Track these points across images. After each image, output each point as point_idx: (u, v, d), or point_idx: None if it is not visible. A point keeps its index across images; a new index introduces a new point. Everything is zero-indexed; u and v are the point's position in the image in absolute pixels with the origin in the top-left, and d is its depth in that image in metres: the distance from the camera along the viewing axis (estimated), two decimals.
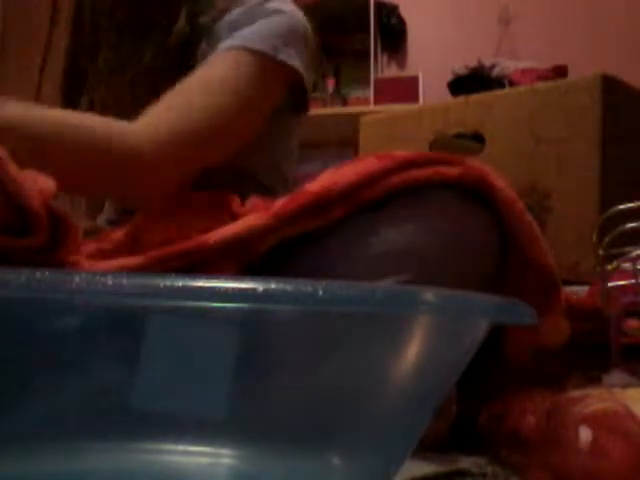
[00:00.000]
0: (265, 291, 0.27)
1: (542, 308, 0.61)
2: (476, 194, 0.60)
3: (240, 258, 0.57)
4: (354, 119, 1.30)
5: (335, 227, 0.58)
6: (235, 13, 0.80)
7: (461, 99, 1.35)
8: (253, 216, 0.57)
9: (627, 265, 0.77)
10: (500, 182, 0.60)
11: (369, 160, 0.59)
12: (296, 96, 0.83)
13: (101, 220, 0.89)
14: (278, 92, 0.78)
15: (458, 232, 0.59)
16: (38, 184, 0.47)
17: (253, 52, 0.73)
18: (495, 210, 0.60)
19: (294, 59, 0.76)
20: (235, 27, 0.77)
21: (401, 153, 0.59)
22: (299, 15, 0.80)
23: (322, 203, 0.57)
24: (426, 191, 0.59)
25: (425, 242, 0.58)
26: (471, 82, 2.71)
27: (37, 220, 0.46)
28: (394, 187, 0.58)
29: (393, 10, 3.29)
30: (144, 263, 0.54)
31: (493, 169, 0.61)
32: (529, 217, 0.61)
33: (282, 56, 0.74)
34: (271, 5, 0.79)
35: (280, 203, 0.57)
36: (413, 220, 0.59)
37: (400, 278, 0.56)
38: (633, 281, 0.76)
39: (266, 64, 0.74)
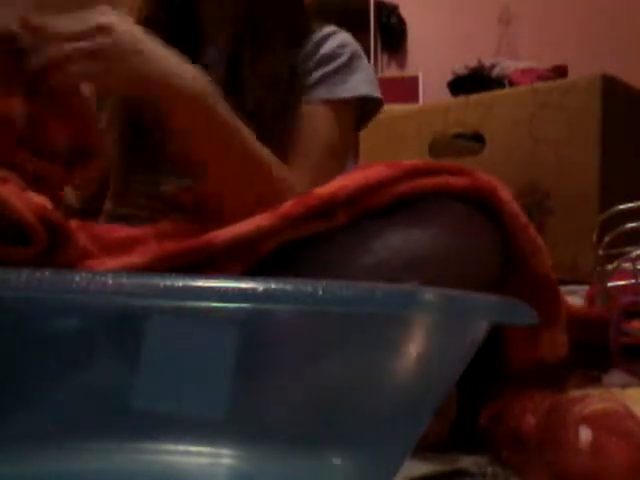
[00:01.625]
0: (265, 291, 0.27)
1: (543, 320, 0.61)
2: (482, 205, 0.60)
3: (245, 258, 0.57)
4: None
5: (338, 231, 0.58)
6: (310, 51, 0.85)
7: (461, 99, 1.35)
8: (261, 216, 0.57)
9: (627, 265, 0.77)
10: (506, 194, 0.61)
11: (378, 167, 0.59)
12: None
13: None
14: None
15: (462, 241, 0.60)
16: (32, 201, 0.51)
17: (344, 102, 0.83)
18: (500, 222, 0.61)
19: (365, 86, 0.84)
20: (315, 67, 0.84)
21: (410, 162, 0.60)
22: (350, 39, 0.87)
23: (329, 207, 0.57)
24: (433, 200, 0.59)
25: (428, 250, 0.58)
26: (471, 82, 2.72)
27: (33, 231, 0.49)
28: (401, 194, 0.58)
29: (393, 10, 3.29)
30: (149, 262, 0.54)
31: (497, 180, 0.61)
32: (533, 229, 0.62)
33: (361, 91, 0.83)
34: (335, 43, 0.85)
35: (288, 205, 0.57)
36: (418, 228, 0.59)
37: (410, 285, 0.56)
38: (633, 281, 0.76)
39: (352, 106, 0.85)
